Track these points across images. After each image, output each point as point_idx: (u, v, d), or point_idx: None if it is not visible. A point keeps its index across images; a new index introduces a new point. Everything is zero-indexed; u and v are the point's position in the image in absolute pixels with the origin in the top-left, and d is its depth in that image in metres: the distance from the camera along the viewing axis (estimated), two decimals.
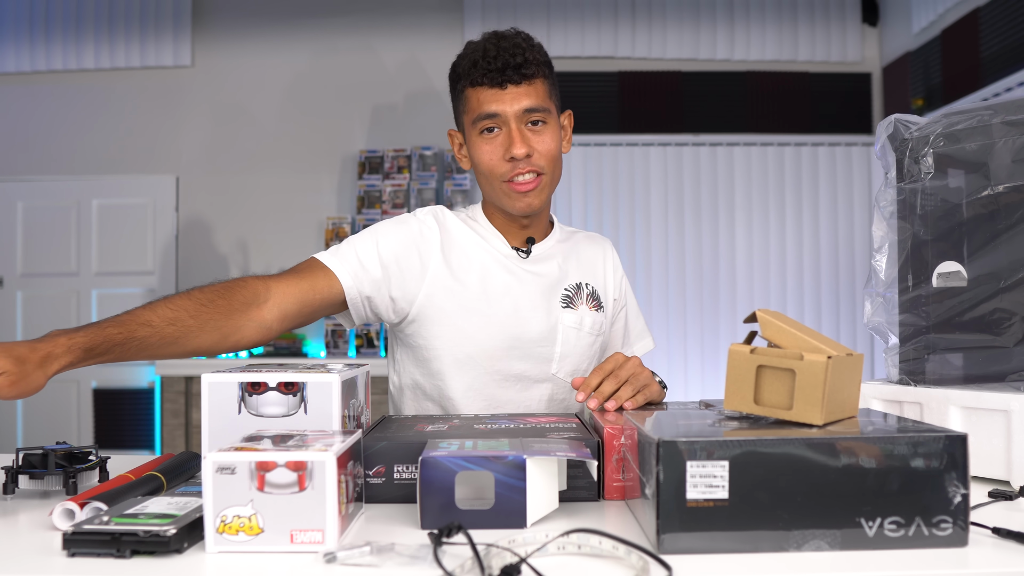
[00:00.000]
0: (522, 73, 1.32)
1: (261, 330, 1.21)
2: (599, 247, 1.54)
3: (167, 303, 1.13)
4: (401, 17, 4.23)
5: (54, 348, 0.97)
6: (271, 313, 1.21)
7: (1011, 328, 1.07)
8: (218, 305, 1.15)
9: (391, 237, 1.36)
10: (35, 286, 4.25)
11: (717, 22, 4.26)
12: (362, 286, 1.33)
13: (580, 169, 4.23)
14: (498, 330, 1.36)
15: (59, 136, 4.26)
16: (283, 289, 1.23)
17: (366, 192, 4.05)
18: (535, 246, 1.44)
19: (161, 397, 3.79)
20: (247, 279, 1.22)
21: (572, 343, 1.40)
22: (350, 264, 1.32)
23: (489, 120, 1.33)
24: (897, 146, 1.16)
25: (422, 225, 1.39)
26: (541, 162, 1.34)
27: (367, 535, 0.80)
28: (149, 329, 1.09)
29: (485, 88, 1.33)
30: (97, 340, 1.02)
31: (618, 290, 1.53)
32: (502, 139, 1.33)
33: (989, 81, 3.38)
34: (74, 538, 0.74)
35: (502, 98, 1.32)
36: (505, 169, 1.33)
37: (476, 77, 1.33)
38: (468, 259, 1.39)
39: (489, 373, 1.37)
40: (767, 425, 0.84)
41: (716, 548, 0.73)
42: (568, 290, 1.43)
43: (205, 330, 1.14)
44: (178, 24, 4.21)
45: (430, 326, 1.36)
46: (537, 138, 1.34)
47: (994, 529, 0.78)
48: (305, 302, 1.26)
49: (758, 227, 4.23)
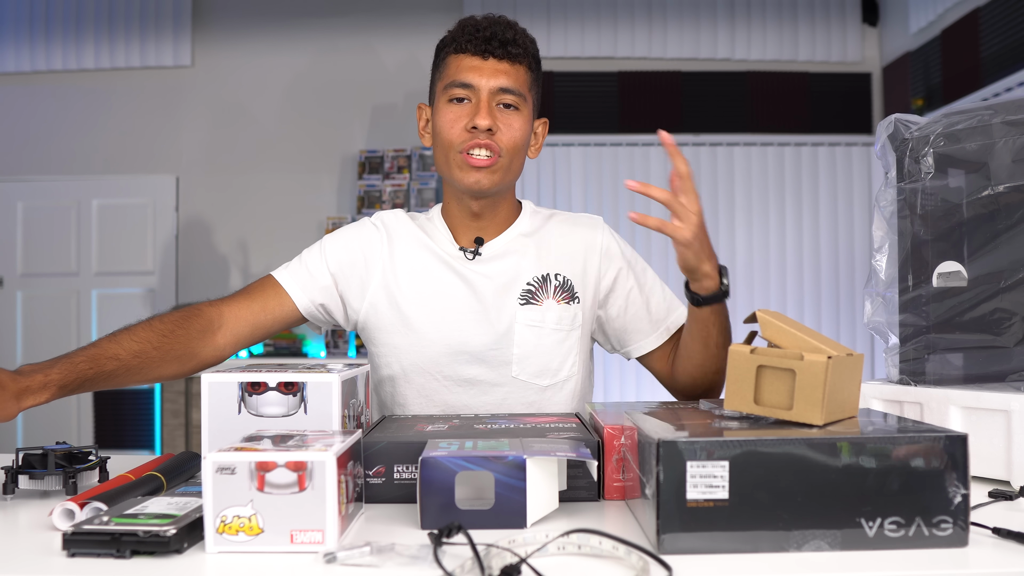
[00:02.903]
0: (507, 50, 1.29)
1: (216, 353, 1.29)
2: (582, 230, 1.40)
3: (131, 335, 1.20)
4: (401, 17, 4.23)
5: (31, 383, 1.05)
6: (224, 339, 1.29)
7: (1011, 328, 1.07)
8: (177, 335, 1.23)
9: (338, 244, 1.38)
10: (35, 286, 4.25)
11: (717, 22, 4.26)
12: (313, 295, 1.35)
13: (580, 169, 4.23)
14: (440, 338, 1.33)
15: (59, 136, 4.26)
16: (235, 314, 1.30)
17: (366, 192, 4.05)
18: (486, 245, 1.37)
19: (161, 397, 3.79)
20: (201, 306, 1.29)
21: (532, 342, 1.33)
22: (299, 277, 1.35)
23: (461, 89, 1.29)
24: (897, 146, 1.16)
25: (372, 231, 1.39)
26: (503, 143, 1.29)
27: (367, 535, 0.80)
28: (116, 363, 1.16)
29: (467, 56, 1.29)
30: (70, 377, 1.10)
31: (613, 273, 1.39)
32: (468, 110, 1.29)
33: (989, 81, 3.38)
34: (74, 538, 0.74)
35: (481, 69, 1.28)
36: (463, 138, 1.28)
37: (461, 43, 1.30)
38: (413, 265, 1.36)
39: (438, 380, 1.34)
40: (767, 425, 0.83)
41: (716, 548, 0.73)
42: (531, 284, 1.35)
43: (166, 360, 1.22)
44: (178, 24, 4.21)
45: (375, 334, 1.37)
46: (504, 120, 1.29)
47: (994, 529, 0.78)
48: (257, 324, 1.32)
49: (758, 227, 4.23)
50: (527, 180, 4.17)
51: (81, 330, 4.21)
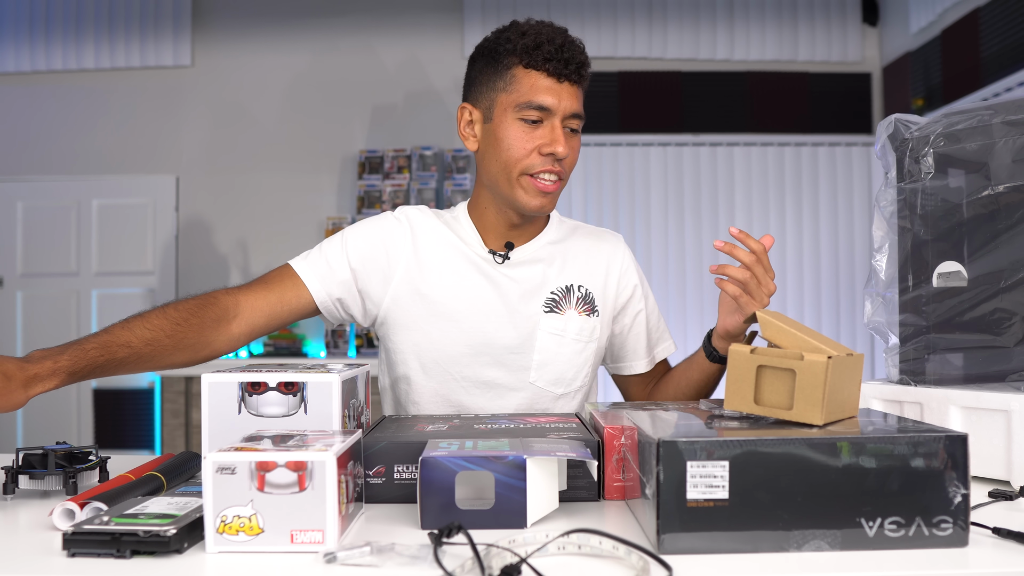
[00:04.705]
0: (580, 74, 1.29)
1: (231, 343, 1.27)
2: (606, 246, 1.43)
3: (144, 322, 1.17)
4: (401, 17, 4.23)
5: (40, 370, 1.03)
6: (240, 328, 1.27)
7: (1011, 328, 1.07)
8: (191, 323, 1.20)
9: (359, 238, 1.36)
10: (35, 286, 4.25)
11: (717, 22, 4.26)
12: (331, 289, 1.33)
13: (580, 169, 4.23)
14: (463, 336, 1.32)
15: (59, 136, 4.26)
16: (252, 304, 1.28)
17: (366, 192, 4.05)
18: (515, 250, 1.37)
19: (161, 397, 3.79)
20: (217, 295, 1.26)
21: (553, 350, 1.34)
22: (318, 268, 1.33)
23: (537, 111, 1.27)
24: (897, 146, 1.16)
25: (395, 225, 1.37)
26: (567, 167, 1.30)
27: (367, 535, 0.80)
28: (128, 350, 1.14)
29: (543, 75, 1.27)
30: (80, 364, 1.08)
31: (628, 292, 1.42)
32: (543, 132, 1.27)
33: (989, 81, 3.38)
34: (74, 538, 0.74)
35: (559, 92, 1.27)
36: (535, 162, 1.27)
37: (537, 60, 1.27)
38: (439, 261, 1.35)
39: (456, 380, 1.34)
40: (767, 425, 0.84)
41: (716, 548, 0.73)
42: (555, 293, 1.36)
43: (179, 348, 1.20)
44: (178, 24, 4.21)
45: (396, 329, 1.35)
46: (572, 144, 1.30)
47: (994, 529, 0.78)
48: (273, 315, 1.31)
49: (758, 227, 4.23)
50: None
51: (81, 330, 4.20)
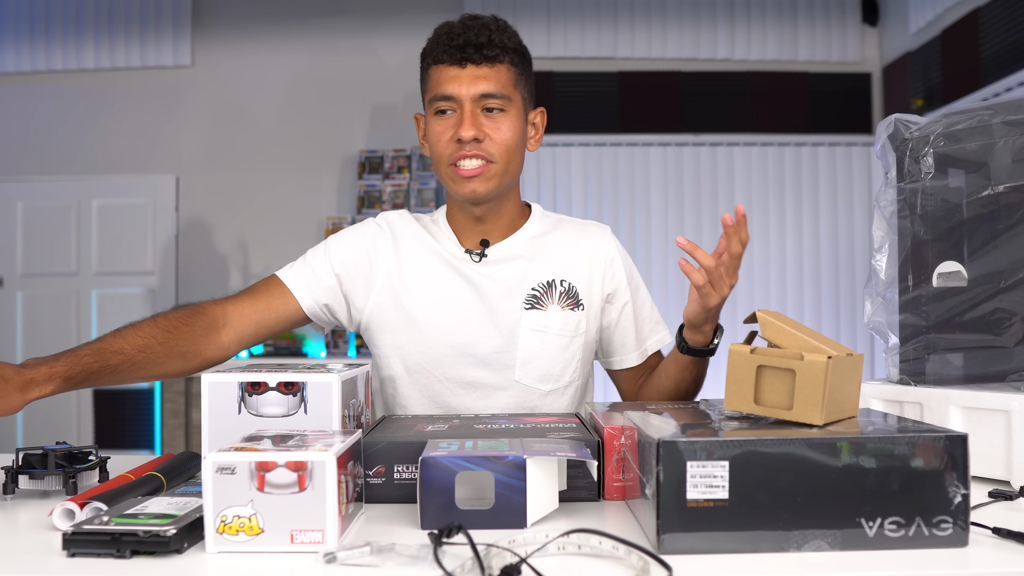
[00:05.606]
0: (483, 54, 1.27)
1: (221, 352, 1.28)
2: (590, 238, 1.40)
3: (136, 330, 1.19)
4: (401, 17, 4.23)
5: (36, 375, 1.05)
6: (229, 337, 1.29)
7: (1011, 328, 1.07)
8: (182, 331, 1.23)
9: (342, 245, 1.38)
10: (35, 286, 4.25)
11: (717, 22, 4.26)
12: (317, 295, 1.35)
13: (580, 169, 4.23)
14: (445, 339, 1.33)
15: (59, 136, 4.26)
16: (240, 313, 1.30)
17: (366, 192, 4.05)
18: (492, 248, 1.36)
19: (161, 397, 3.80)
20: (205, 305, 1.29)
21: (536, 347, 1.33)
22: (303, 276, 1.35)
23: (444, 102, 1.28)
24: (897, 146, 1.16)
25: (377, 232, 1.39)
26: (492, 149, 1.28)
27: (367, 535, 0.80)
28: (121, 357, 1.16)
29: (444, 66, 1.28)
30: (75, 370, 1.09)
31: (614, 283, 1.39)
32: (454, 120, 1.28)
33: (989, 81, 3.38)
34: (74, 538, 0.74)
35: (460, 78, 1.27)
36: (451, 151, 1.28)
37: (438, 53, 1.29)
38: (418, 266, 1.35)
39: (441, 381, 1.34)
40: (767, 425, 0.83)
41: (716, 548, 0.73)
42: (536, 289, 1.34)
43: (171, 356, 1.21)
44: (178, 24, 4.21)
45: (380, 333, 1.37)
46: (492, 124, 1.28)
47: (994, 529, 0.78)
48: (261, 323, 1.32)
49: (758, 227, 4.23)
50: (527, 180, 4.17)
51: (81, 330, 4.21)
